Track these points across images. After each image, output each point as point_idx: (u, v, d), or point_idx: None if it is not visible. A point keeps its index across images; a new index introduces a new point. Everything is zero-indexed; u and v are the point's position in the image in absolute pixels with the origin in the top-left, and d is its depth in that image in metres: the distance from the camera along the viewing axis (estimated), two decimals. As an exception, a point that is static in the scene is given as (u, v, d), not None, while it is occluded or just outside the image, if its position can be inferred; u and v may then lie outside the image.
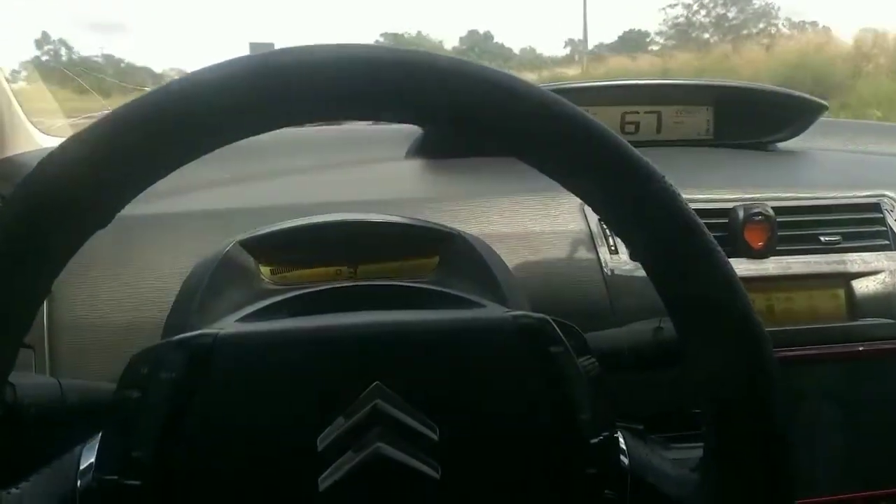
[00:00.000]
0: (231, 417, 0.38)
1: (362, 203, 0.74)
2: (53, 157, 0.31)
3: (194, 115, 0.32)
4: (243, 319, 0.44)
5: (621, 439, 0.43)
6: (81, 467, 0.41)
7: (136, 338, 0.63)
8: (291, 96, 0.33)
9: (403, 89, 0.33)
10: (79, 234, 0.32)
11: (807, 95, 1.02)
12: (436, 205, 0.74)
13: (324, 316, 0.44)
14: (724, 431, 0.38)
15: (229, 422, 0.38)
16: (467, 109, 0.34)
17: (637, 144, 0.35)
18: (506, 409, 0.40)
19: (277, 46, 0.34)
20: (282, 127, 0.34)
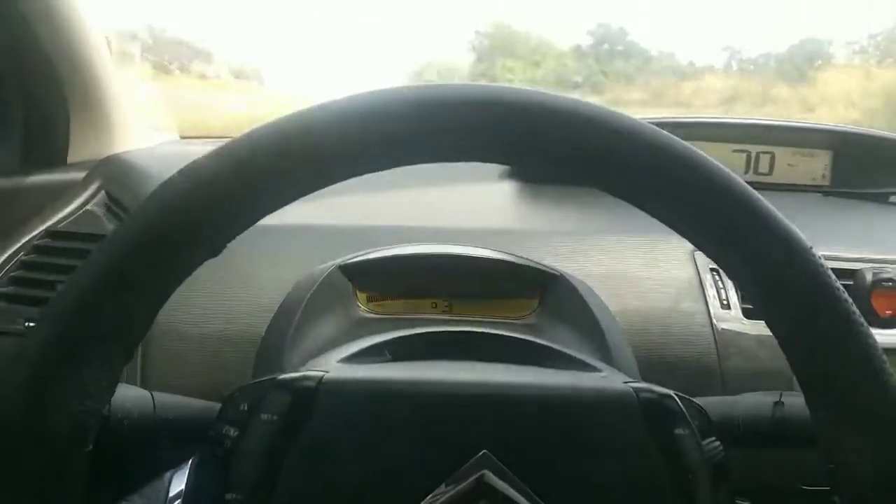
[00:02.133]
0: (330, 469, 0.36)
1: (462, 231, 0.72)
2: (171, 185, 0.31)
3: (320, 150, 0.31)
4: (346, 360, 0.43)
5: None
6: (171, 494, 0.40)
7: (227, 349, 0.63)
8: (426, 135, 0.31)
9: (528, 135, 0.31)
10: (190, 265, 0.32)
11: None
12: (536, 239, 0.71)
13: (429, 365, 0.42)
14: None
15: (328, 474, 0.36)
16: (586, 157, 0.32)
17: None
18: (620, 492, 0.37)
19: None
20: (413, 164, 0.33)
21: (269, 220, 0.71)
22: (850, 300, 0.32)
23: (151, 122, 1.01)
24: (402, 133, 0.31)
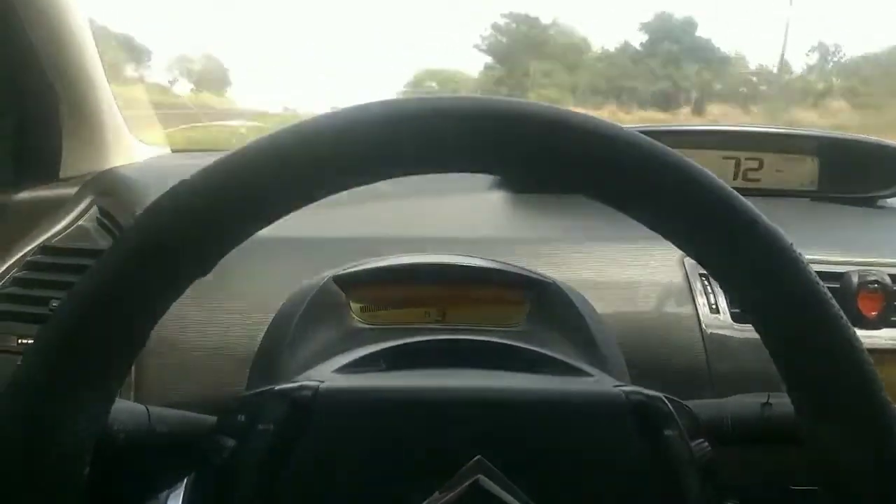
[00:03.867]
0: (327, 478, 0.36)
1: (453, 240, 0.72)
2: (157, 208, 0.31)
3: (304, 168, 0.31)
4: (341, 370, 0.43)
5: None
6: None
7: (221, 363, 0.63)
8: (412, 149, 0.31)
9: (513, 145, 0.31)
10: (179, 286, 0.32)
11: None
12: (527, 247, 0.72)
13: (424, 374, 0.42)
14: None
15: (324, 483, 0.36)
16: (565, 165, 0.32)
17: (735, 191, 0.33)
18: (612, 494, 0.37)
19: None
20: (397, 177, 0.33)
21: (262, 232, 0.72)
22: (832, 298, 0.33)
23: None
24: (395, 146, 0.31)
